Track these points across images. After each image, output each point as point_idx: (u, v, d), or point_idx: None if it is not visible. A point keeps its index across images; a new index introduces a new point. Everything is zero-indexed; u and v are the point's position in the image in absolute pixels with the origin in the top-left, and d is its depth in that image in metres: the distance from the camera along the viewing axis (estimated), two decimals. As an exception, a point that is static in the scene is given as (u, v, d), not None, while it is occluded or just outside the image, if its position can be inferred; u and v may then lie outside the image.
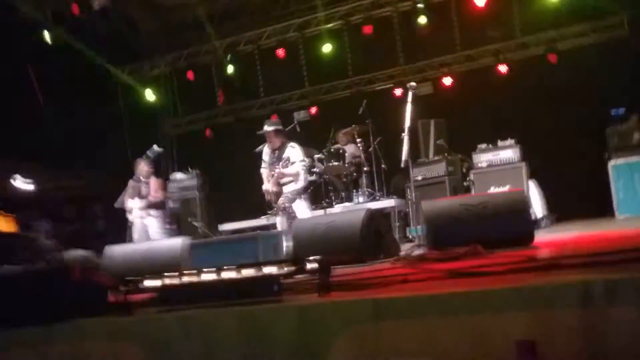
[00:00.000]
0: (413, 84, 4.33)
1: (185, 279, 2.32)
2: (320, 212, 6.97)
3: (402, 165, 4.13)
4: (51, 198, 8.91)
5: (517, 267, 1.92)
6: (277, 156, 6.21)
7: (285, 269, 2.04)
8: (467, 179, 6.97)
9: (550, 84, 7.63)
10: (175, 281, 2.34)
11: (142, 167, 6.55)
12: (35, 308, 2.30)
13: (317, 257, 2.03)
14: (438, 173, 7.02)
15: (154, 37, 10.43)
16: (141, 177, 6.44)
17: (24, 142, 7.74)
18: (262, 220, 7.02)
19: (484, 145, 7.00)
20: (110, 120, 9.08)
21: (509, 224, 3.14)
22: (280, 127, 6.50)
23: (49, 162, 8.39)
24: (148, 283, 2.39)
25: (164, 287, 2.36)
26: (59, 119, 8.33)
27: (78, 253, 4.79)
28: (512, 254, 2.50)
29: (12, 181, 7.70)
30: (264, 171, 6.37)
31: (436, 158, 7.29)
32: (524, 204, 3.36)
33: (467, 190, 6.84)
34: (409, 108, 4.22)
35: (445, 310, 1.61)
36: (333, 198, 7.37)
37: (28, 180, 8.06)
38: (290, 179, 6.13)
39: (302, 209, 6.14)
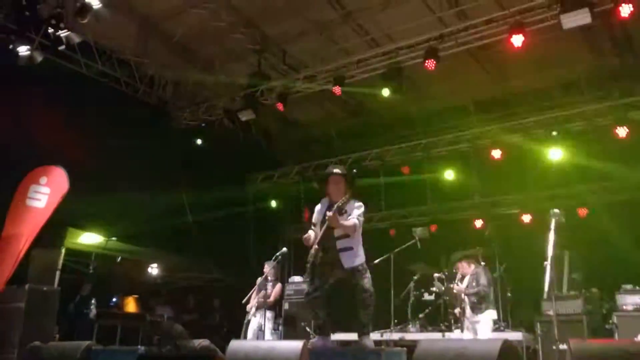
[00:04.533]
0: (556, 210, 4.17)
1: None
2: (438, 334, 6.56)
3: (545, 296, 3.83)
4: (177, 287, 9.61)
5: None
6: (337, 210, 4.42)
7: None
8: (610, 321, 6.19)
9: None
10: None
11: (269, 268, 6.81)
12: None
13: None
14: (574, 310, 6.34)
15: (286, 148, 11.43)
16: (269, 277, 6.67)
17: (161, 234, 8.53)
18: (375, 335, 6.77)
19: (629, 286, 6.26)
20: (240, 223, 9.78)
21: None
22: (351, 174, 4.90)
23: (182, 254, 9.15)
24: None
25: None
26: (198, 217, 9.19)
27: (204, 343, 4.96)
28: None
29: (149, 269, 8.48)
30: (312, 233, 4.58)
31: (572, 293, 6.66)
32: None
33: (610, 333, 6.05)
34: (551, 236, 4.02)
35: None
36: (452, 322, 6.96)
37: (161, 269, 8.81)
38: (342, 232, 4.43)
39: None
